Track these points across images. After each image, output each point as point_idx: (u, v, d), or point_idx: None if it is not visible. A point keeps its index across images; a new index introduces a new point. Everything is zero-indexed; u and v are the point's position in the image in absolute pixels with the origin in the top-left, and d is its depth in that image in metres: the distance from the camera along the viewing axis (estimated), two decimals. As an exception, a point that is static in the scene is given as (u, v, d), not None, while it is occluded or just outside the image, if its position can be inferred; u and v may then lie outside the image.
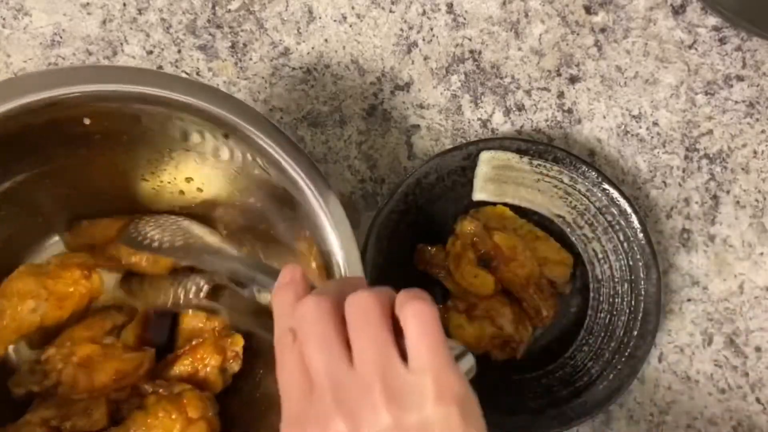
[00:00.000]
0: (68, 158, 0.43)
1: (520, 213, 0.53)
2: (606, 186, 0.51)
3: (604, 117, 0.56)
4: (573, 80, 0.56)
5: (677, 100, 0.56)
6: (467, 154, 0.52)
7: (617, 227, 0.52)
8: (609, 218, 0.52)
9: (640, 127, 0.56)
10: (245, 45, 0.55)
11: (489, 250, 0.51)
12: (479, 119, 0.56)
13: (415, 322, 0.29)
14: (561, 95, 0.56)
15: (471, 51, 0.56)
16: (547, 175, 0.52)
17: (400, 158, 0.55)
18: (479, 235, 0.51)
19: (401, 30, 0.56)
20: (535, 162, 0.52)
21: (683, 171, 0.56)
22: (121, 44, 0.54)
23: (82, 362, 0.44)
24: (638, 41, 0.56)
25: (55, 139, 0.41)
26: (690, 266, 0.55)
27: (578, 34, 0.56)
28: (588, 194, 0.52)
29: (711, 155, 0.56)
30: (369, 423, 0.28)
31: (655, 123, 0.56)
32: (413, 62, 0.56)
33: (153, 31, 0.55)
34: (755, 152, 0.56)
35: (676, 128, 0.56)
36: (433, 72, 0.56)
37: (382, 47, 0.56)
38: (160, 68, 0.54)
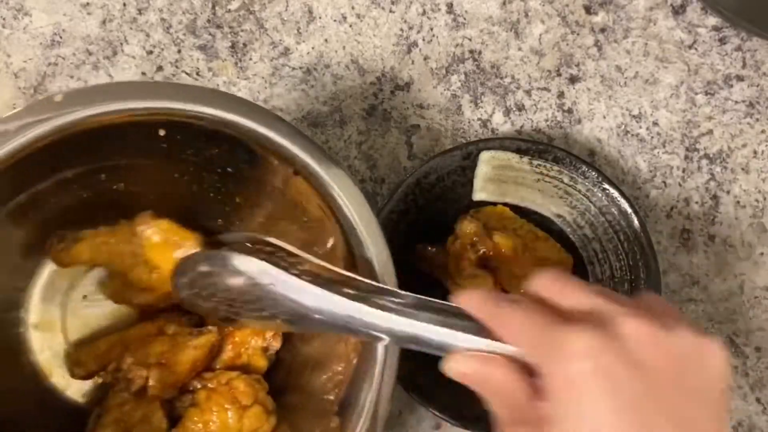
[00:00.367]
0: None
1: (520, 213, 0.53)
2: (606, 186, 0.51)
3: (604, 117, 0.56)
4: (573, 80, 0.56)
5: (677, 100, 0.56)
6: (467, 154, 0.52)
7: (617, 227, 0.52)
8: (609, 218, 0.52)
9: (640, 127, 0.56)
10: (245, 45, 0.55)
11: (489, 250, 0.51)
12: (479, 119, 0.56)
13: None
14: (561, 95, 0.56)
15: (471, 51, 0.56)
16: (547, 175, 0.52)
17: (400, 158, 0.55)
18: (479, 235, 0.51)
19: (401, 30, 0.56)
20: (535, 162, 0.52)
21: (683, 171, 0.56)
22: (121, 44, 0.54)
23: (159, 360, 0.44)
24: (638, 41, 0.56)
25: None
26: (690, 266, 0.55)
27: (578, 34, 0.56)
28: (588, 194, 0.52)
29: (711, 155, 0.56)
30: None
31: (655, 123, 0.56)
32: (413, 62, 0.56)
33: (153, 31, 0.55)
34: (755, 152, 0.56)
35: (676, 128, 0.56)
36: (433, 72, 0.56)
37: (382, 47, 0.56)
38: (160, 68, 0.54)
